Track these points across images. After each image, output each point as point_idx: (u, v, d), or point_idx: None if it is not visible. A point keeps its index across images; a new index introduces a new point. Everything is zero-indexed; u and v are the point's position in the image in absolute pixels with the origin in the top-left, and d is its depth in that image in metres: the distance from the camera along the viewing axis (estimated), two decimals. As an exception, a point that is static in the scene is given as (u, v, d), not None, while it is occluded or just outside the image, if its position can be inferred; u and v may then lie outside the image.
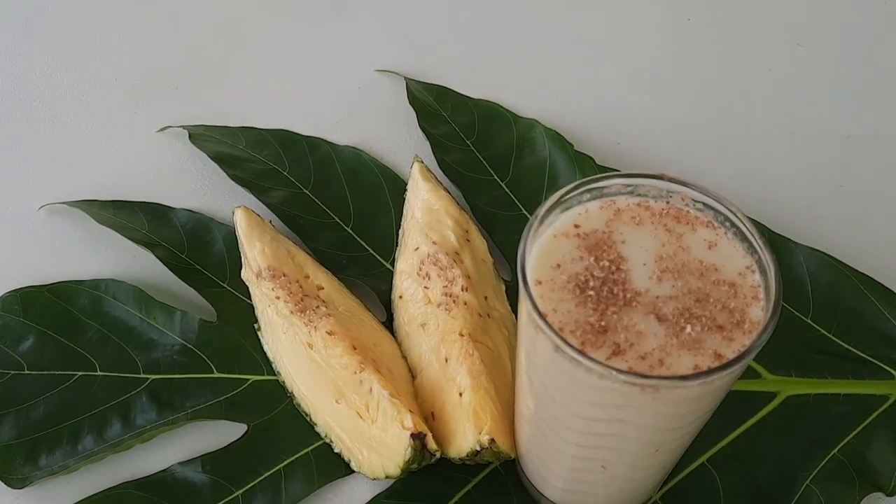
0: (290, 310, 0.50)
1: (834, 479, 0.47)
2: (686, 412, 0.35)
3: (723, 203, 0.37)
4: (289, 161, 0.61)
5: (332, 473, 0.48)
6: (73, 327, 0.52)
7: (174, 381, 0.51)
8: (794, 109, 0.66)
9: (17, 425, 0.49)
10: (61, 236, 0.58)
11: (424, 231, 0.53)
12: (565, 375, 0.35)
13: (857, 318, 0.52)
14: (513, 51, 0.71)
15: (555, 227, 0.38)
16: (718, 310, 0.35)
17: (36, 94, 0.67)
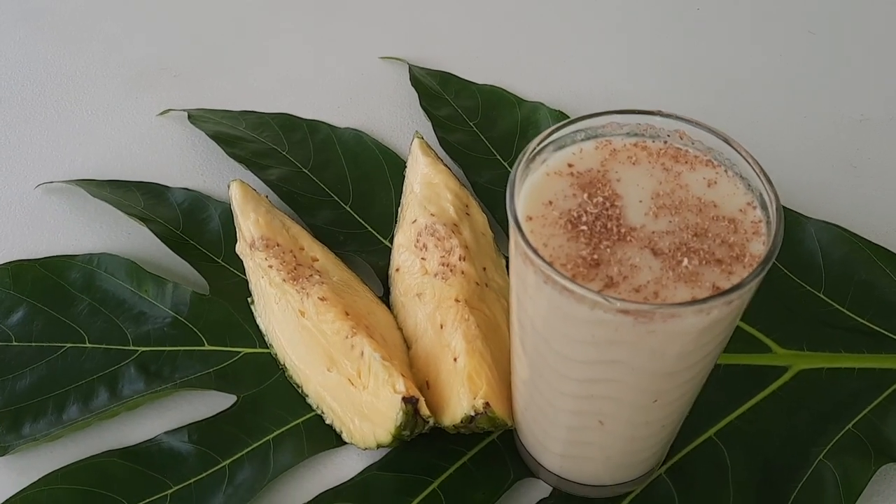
0: (282, 278, 0.49)
1: (848, 453, 0.44)
2: (683, 352, 0.33)
3: (723, 139, 0.36)
4: (289, 142, 0.60)
5: (323, 444, 0.46)
6: (63, 300, 0.51)
7: (164, 353, 0.50)
8: (805, 94, 0.65)
9: (2, 394, 0.48)
10: (57, 215, 0.58)
11: (423, 204, 0.52)
12: (556, 311, 0.33)
13: (871, 291, 0.50)
14: (517, 38, 0.71)
15: (547, 164, 0.36)
16: (717, 244, 0.34)
17: (38, 80, 0.67)
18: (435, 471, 0.45)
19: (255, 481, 0.44)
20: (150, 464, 0.45)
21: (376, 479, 0.45)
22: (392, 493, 0.44)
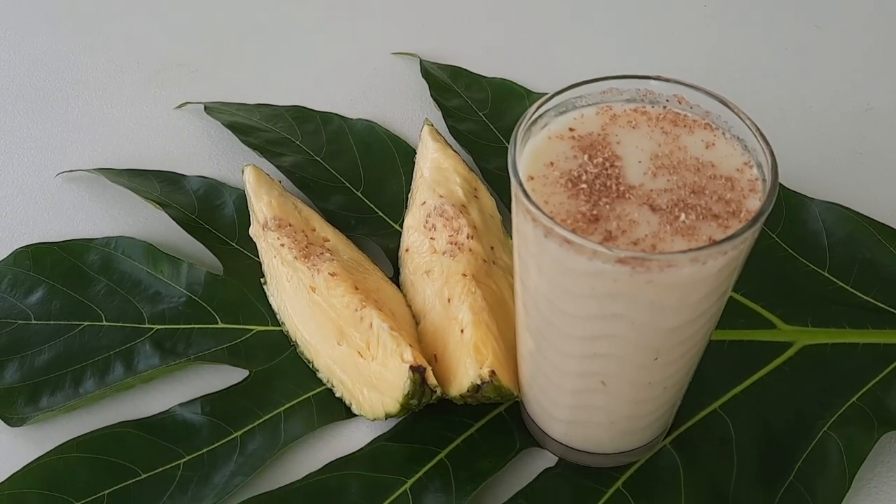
0: (294, 255, 0.50)
1: (852, 424, 0.44)
2: (681, 305, 0.34)
3: (721, 101, 0.37)
4: (302, 133, 0.62)
5: (333, 416, 0.47)
6: (81, 281, 0.53)
7: (178, 331, 0.51)
8: (812, 85, 0.66)
9: (20, 370, 0.49)
10: (76, 201, 0.59)
11: (432, 187, 0.53)
12: (557, 266, 0.34)
13: (875, 268, 0.50)
14: (527, 33, 0.72)
15: (549, 129, 0.37)
16: (714, 201, 0.34)
17: (60, 76, 0.69)
18: (442, 441, 0.45)
19: (266, 451, 0.45)
20: (164, 434, 0.46)
21: (385, 449, 0.45)
22: (400, 462, 0.45)
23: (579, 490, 0.43)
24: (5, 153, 0.63)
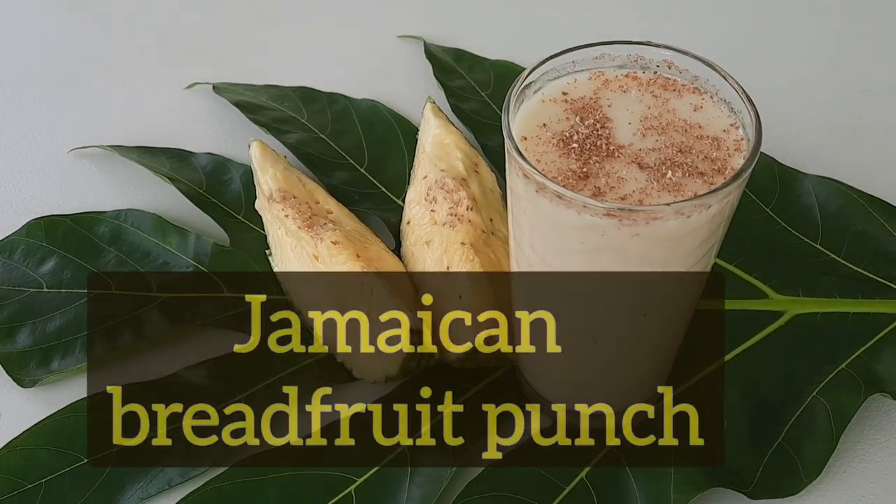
0: (298, 226, 0.51)
1: (840, 389, 0.46)
2: (667, 259, 0.35)
3: (709, 65, 0.38)
4: (308, 112, 0.63)
5: (334, 380, 0.48)
6: (92, 252, 0.54)
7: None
8: (809, 66, 0.67)
9: (32, 335, 0.50)
10: (88, 177, 0.61)
11: (434, 161, 0.55)
12: (547, 221, 0.35)
13: (866, 241, 0.51)
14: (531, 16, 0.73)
15: (543, 93, 0.39)
16: (700, 159, 0.36)
17: (74, 57, 0.70)
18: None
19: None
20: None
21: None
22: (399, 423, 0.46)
23: (573, 450, 0.44)
24: (20, 129, 0.64)
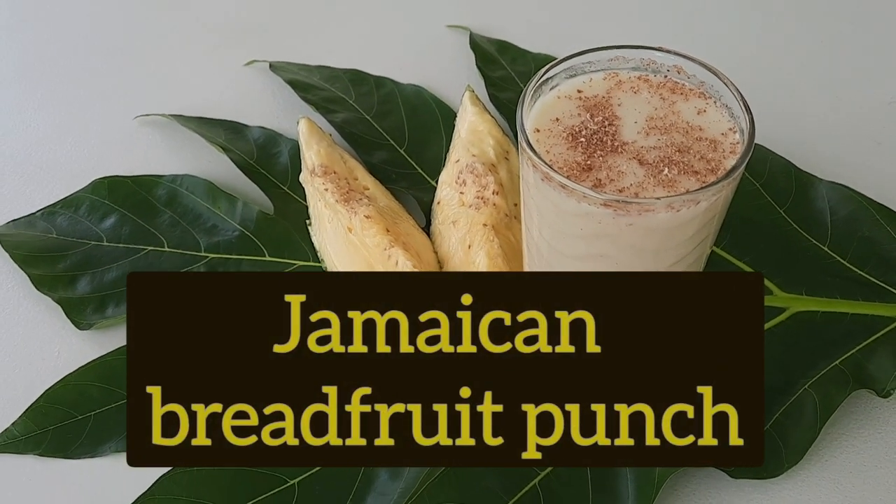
0: (335, 199, 0.55)
1: (831, 384, 0.48)
2: (659, 248, 0.38)
3: (713, 72, 0.41)
4: (356, 93, 0.67)
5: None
6: (149, 212, 0.59)
7: (230, 261, 0.57)
8: (840, 76, 0.69)
9: (91, 283, 0.55)
10: (150, 142, 0.66)
11: (466, 146, 0.58)
12: (552, 208, 0.39)
13: (872, 246, 0.54)
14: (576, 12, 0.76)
15: (559, 89, 0.42)
16: (697, 159, 0.39)
17: (146, 31, 0.76)
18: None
19: (297, 367, 0.51)
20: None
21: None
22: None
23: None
24: (91, 96, 0.70)
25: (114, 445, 0.48)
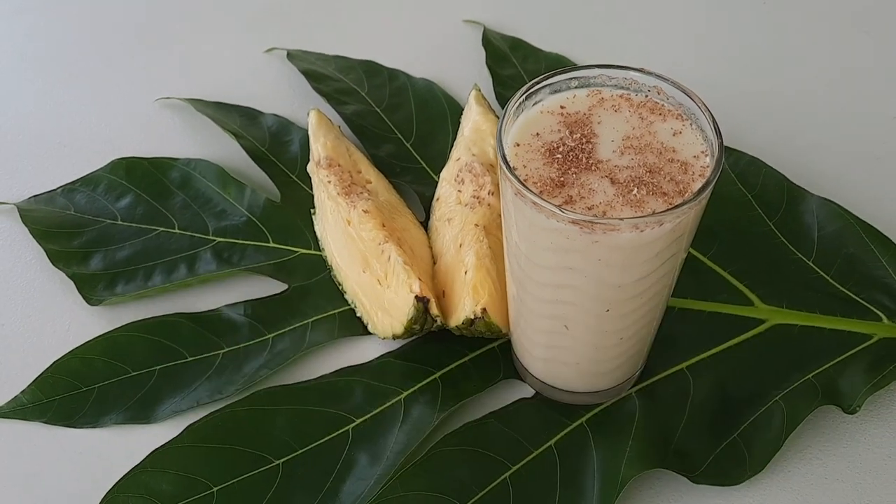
0: (337, 192, 0.57)
1: (800, 397, 0.50)
2: (625, 265, 0.40)
3: (688, 95, 0.42)
4: (369, 85, 0.69)
5: (351, 331, 0.55)
6: (163, 194, 0.62)
7: (236, 245, 0.59)
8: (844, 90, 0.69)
9: (104, 260, 0.58)
10: (168, 124, 0.68)
11: (468, 146, 0.60)
12: (525, 221, 0.41)
13: (856, 264, 0.55)
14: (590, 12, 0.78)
15: (543, 104, 0.44)
16: (667, 181, 0.40)
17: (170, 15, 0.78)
18: (439, 364, 0.53)
19: (291, 352, 0.54)
20: (211, 328, 0.55)
21: (390, 364, 0.53)
22: (400, 376, 0.52)
23: (546, 419, 0.50)
24: (115, 78, 0.73)
25: (114, 417, 0.51)
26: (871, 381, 0.49)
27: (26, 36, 0.77)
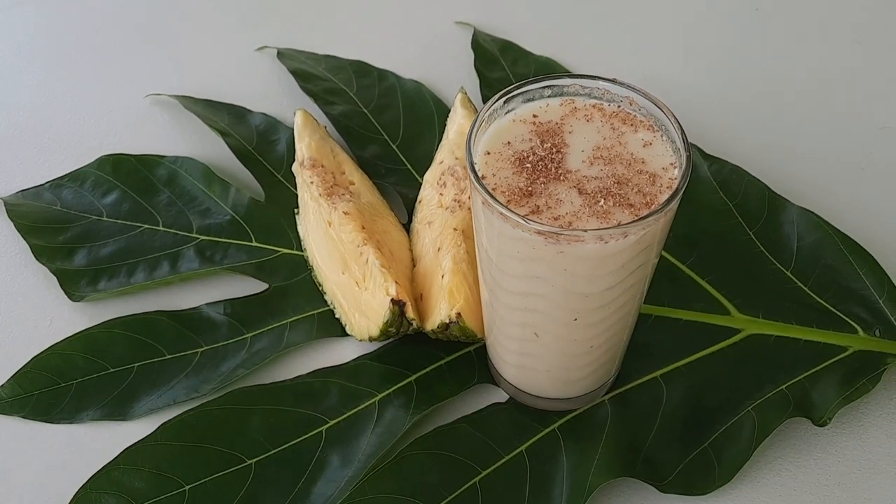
0: (319, 192, 0.58)
1: (772, 408, 0.50)
2: (591, 275, 0.40)
3: (659, 106, 0.42)
4: (358, 86, 0.69)
5: (329, 332, 0.55)
6: (149, 191, 0.62)
7: (219, 243, 0.60)
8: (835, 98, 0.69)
9: (87, 256, 0.59)
10: (157, 122, 0.69)
11: (451, 149, 0.60)
12: (493, 230, 0.41)
13: (833, 275, 0.55)
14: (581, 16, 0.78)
15: (515, 113, 0.44)
16: (634, 193, 0.40)
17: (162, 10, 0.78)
18: (415, 367, 0.53)
19: (268, 352, 0.54)
20: (190, 326, 0.55)
21: (366, 366, 0.53)
22: (376, 378, 0.53)
23: (518, 424, 0.50)
24: (106, 74, 0.73)
25: (92, 413, 0.52)
26: (843, 394, 0.49)
27: (17, 32, 0.78)
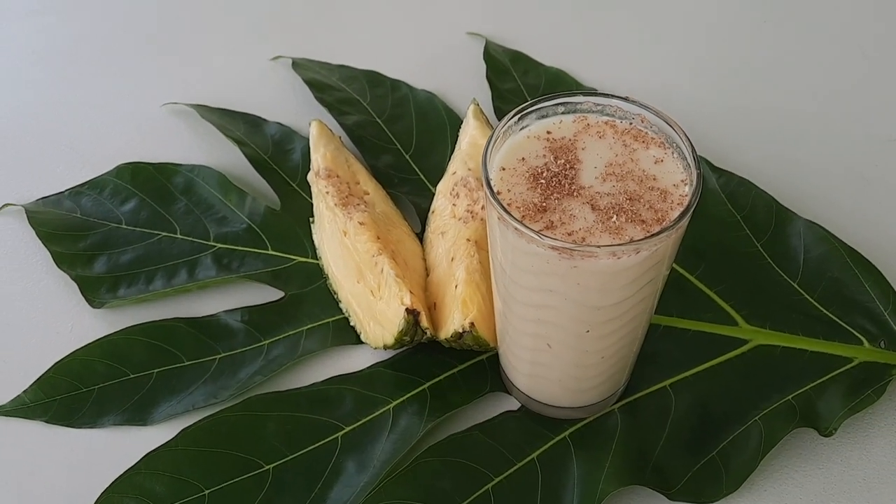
0: (335, 202, 0.59)
1: (779, 417, 0.51)
2: (603, 289, 0.41)
3: (670, 124, 0.43)
4: (371, 96, 0.70)
5: (344, 340, 0.56)
6: (167, 199, 0.64)
7: (235, 251, 0.61)
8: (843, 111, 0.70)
9: (107, 264, 0.60)
10: (174, 130, 0.70)
11: (464, 160, 0.61)
12: (508, 244, 0.42)
13: (839, 287, 0.56)
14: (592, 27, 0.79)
15: (530, 129, 0.45)
16: (646, 209, 0.41)
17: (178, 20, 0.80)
18: (428, 375, 0.54)
19: (285, 359, 0.55)
20: (208, 333, 0.56)
21: (380, 374, 0.55)
22: (390, 386, 0.54)
23: (530, 432, 0.51)
24: (124, 83, 0.74)
25: (112, 419, 0.53)
26: (849, 405, 0.50)
27: (37, 40, 0.79)
